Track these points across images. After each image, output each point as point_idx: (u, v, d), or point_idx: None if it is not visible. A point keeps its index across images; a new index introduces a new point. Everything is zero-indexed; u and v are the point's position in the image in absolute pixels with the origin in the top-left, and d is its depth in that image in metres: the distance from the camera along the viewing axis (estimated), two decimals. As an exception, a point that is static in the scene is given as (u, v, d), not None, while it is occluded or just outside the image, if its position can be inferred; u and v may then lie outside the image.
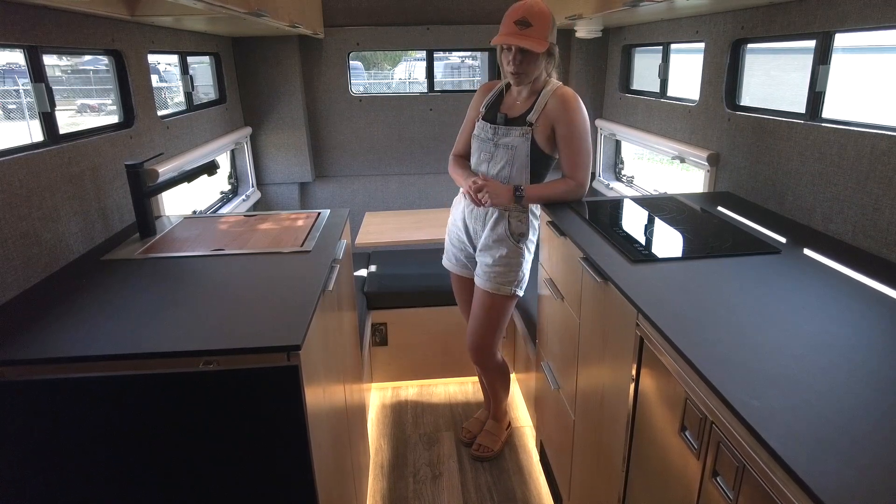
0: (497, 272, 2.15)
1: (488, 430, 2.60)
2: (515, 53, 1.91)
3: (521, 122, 2.05)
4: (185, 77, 2.78)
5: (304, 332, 1.20)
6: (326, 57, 3.52)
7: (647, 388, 1.30)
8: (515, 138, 2.04)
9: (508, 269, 2.15)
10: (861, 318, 1.20)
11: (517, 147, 2.04)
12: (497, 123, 2.09)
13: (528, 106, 2.06)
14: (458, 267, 2.36)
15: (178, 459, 1.22)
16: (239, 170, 3.44)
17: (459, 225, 2.25)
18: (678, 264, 1.54)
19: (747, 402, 0.91)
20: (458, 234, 2.27)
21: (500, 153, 2.08)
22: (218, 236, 1.91)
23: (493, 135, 2.09)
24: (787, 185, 1.92)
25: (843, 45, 1.81)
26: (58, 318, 1.29)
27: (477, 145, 2.15)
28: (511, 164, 2.06)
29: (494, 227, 2.13)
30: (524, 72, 1.95)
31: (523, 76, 1.96)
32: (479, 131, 2.14)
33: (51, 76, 1.73)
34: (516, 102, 2.09)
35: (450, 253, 2.37)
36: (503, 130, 2.07)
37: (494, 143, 2.08)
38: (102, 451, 1.19)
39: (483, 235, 2.16)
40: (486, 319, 2.25)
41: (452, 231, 2.32)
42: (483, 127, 2.12)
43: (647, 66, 3.16)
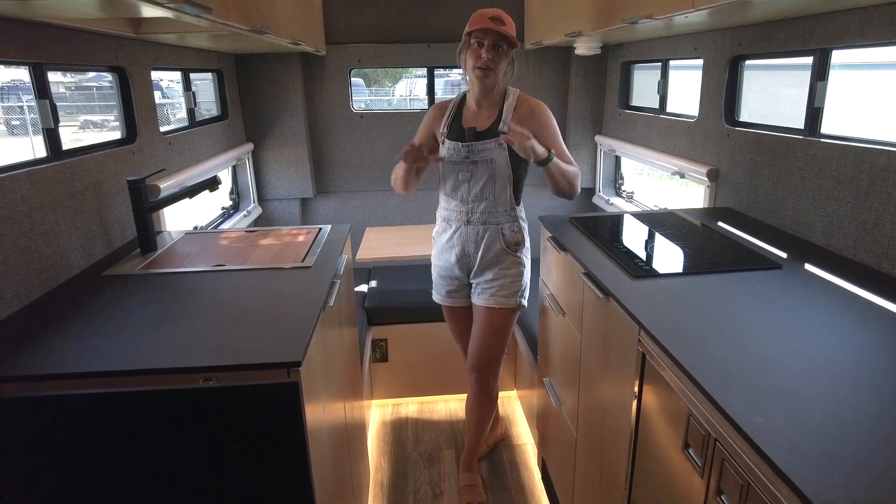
0: (500, 286, 2.10)
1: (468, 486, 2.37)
2: (489, 47, 1.87)
3: (493, 134, 1.99)
4: (188, 93, 2.80)
5: (305, 348, 1.20)
6: (328, 74, 3.55)
7: (650, 404, 1.29)
8: (492, 151, 1.98)
9: (511, 281, 2.11)
10: (864, 333, 1.19)
11: (495, 160, 1.98)
12: (469, 140, 2.00)
13: (494, 116, 2.01)
14: (452, 298, 2.25)
15: (178, 476, 1.21)
16: (240, 185, 3.45)
17: (448, 254, 2.15)
18: (679, 279, 1.54)
19: (751, 418, 0.90)
20: (448, 264, 2.16)
21: (479, 170, 2.00)
22: (219, 252, 1.91)
23: (467, 153, 2.00)
24: (788, 200, 1.93)
25: (840, 61, 1.83)
26: (57, 334, 1.29)
27: (450, 168, 2.04)
28: (493, 178, 2.00)
29: (489, 243, 2.07)
30: (495, 68, 1.89)
31: (492, 73, 1.90)
32: (449, 153, 2.03)
33: (55, 92, 1.74)
34: (479, 116, 2.03)
35: (439, 287, 2.26)
36: (478, 146, 1.99)
37: (471, 161, 2.00)
38: (102, 468, 1.18)
39: (479, 255, 2.09)
40: (492, 337, 2.18)
41: (440, 263, 2.21)
42: (454, 148, 2.02)
43: (645, 83, 3.18)
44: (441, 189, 2.13)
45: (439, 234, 2.18)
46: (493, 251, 2.08)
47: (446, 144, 2.03)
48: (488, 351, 2.20)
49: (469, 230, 2.07)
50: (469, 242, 2.09)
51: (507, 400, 3.07)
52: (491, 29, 1.84)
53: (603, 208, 3.48)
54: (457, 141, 2.01)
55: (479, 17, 1.88)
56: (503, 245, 2.07)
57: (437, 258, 2.22)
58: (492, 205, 2.04)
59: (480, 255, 2.09)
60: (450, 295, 2.24)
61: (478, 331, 2.20)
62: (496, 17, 1.86)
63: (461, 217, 2.07)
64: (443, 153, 2.04)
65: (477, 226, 2.06)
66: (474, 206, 2.04)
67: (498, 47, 1.88)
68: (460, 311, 2.28)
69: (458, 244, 2.10)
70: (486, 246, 2.07)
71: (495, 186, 2.01)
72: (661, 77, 2.89)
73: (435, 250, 2.23)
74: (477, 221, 2.06)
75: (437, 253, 2.21)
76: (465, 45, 1.93)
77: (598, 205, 3.57)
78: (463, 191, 2.04)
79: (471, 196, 2.03)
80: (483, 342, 2.19)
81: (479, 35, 1.87)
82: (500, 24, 1.85)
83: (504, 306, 2.13)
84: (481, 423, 2.38)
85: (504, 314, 2.14)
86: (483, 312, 2.16)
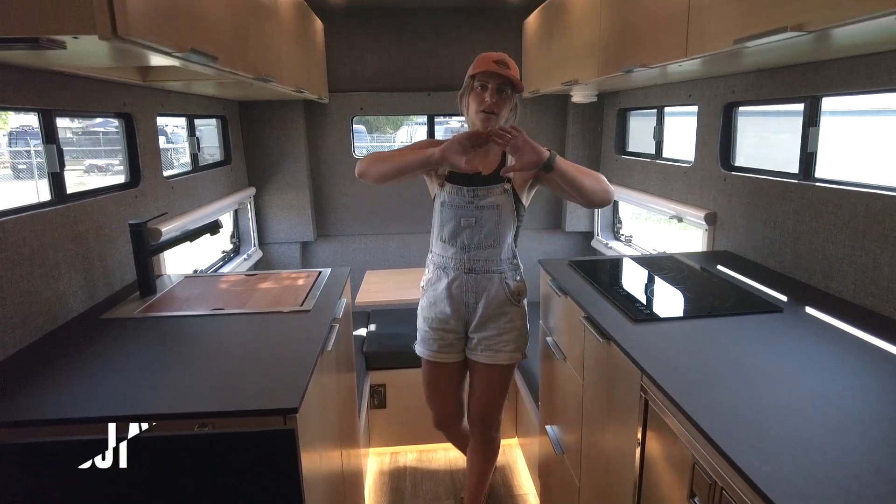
0: (506, 340, 1.98)
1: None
2: (493, 91, 1.79)
3: (498, 179, 1.90)
4: (192, 139, 2.85)
5: (302, 394, 1.18)
6: (331, 120, 3.63)
7: (654, 451, 1.26)
8: (498, 196, 1.89)
9: (518, 335, 2.00)
10: (869, 378, 1.18)
11: (502, 205, 1.89)
12: (475, 185, 1.89)
13: (496, 161, 1.92)
14: (445, 353, 2.04)
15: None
16: (241, 229, 3.47)
17: (443, 305, 1.98)
18: (680, 324, 1.53)
19: (758, 466, 0.88)
20: (443, 315, 1.99)
21: (485, 216, 1.90)
22: (218, 295, 1.91)
23: (472, 198, 1.89)
24: (786, 244, 1.94)
25: (836, 108, 1.87)
26: (52, 379, 1.27)
27: (451, 213, 1.91)
28: (498, 224, 1.91)
29: (493, 294, 1.95)
30: (497, 112, 1.81)
31: (494, 117, 1.81)
32: (451, 197, 1.91)
33: (62, 137, 1.77)
34: (481, 159, 1.91)
35: (429, 341, 2.05)
36: (483, 191, 1.89)
37: (476, 206, 1.90)
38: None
39: (480, 306, 1.96)
40: (497, 393, 2.09)
41: (432, 315, 2.02)
42: (456, 192, 1.90)
43: (641, 129, 3.25)
44: (437, 234, 1.98)
45: (432, 283, 2.02)
46: (496, 302, 1.96)
47: (447, 187, 1.92)
48: (492, 406, 2.12)
49: (469, 279, 1.94)
50: (469, 293, 1.96)
51: (508, 448, 3.00)
52: (495, 72, 1.77)
53: (602, 252, 3.49)
54: (460, 185, 1.91)
55: (483, 60, 1.82)
56: (508, 295, 1.96)
57: (429, 309, 2.03)
58: (496, 252, 1.93)
59: (483, 307, 1.96)
60: (442, 350, 2.04)
61: (481, 387, 2.08)
62: (500, 60, 1.80)
63: (461, 265, 1.94)
64: (443, 197, 1.93)
65: (479, 275, 1.94)
66: (476, 253, 1.93)
67: (502, 91, 1.81)
68: (449, 368, 2.09)
69: (457, 294, 1.96)
70: (490, 297, 1.95)
71: (500, 233, 1.92)
72: (657, 123, 2.95)
73: (425, 300, 2.05)
74: (480, 270, 1.93)
75: (429, 304, 2.03)
76: (468, 89, 1.86)
77: (597, 248, 3.58)
78: (465, 237, 1.92)
79: (473, 243, 1.92)
80: (487, 399, 2.09)
81: (483, 78, 1.80)
82: (505, 68, 1.78)
83: (511, 362, 2.03)
84: (483, 474, 2.29)
85: (509, 369, 2.06)
86: (484, 370, 2.04)
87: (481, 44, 3.62)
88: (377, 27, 3.56)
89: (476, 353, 2.03)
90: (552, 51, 2.97)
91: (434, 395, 2.16)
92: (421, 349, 2.09)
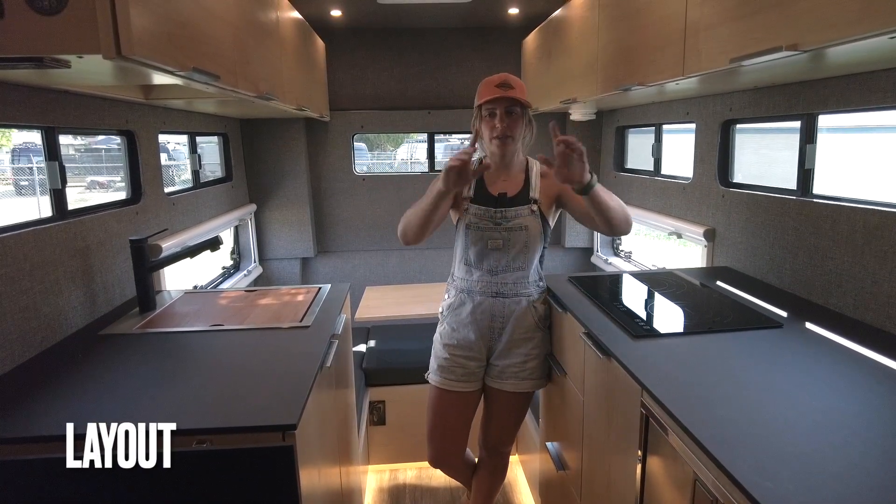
0: (532, 368, 1.93)
1: None
2: (502, 116, 1.77)
3: (525, 200, 1.86)
4: (193, 156, 2.87)
5: (301, 411, 1.17)
6: (331, 138, 3.66)
7: (655, 468, 1.25)
8: (526, 218, 1.84)
9: (542, 361, 1.95)
10: (871, 394, 1.17)
11: (530, 227, 1.84)
12: (501, 206, 1.85)
13: (521, 183, 1.88)
14: (465, 382, 1.94)
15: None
16: (242, 245, 3.48)
17: (467, 331, 1.90)
18: (680, 339, 1.53)
19: (760, 483, 0.87)
20: (467, 341, 1.90)
21: (514, 237, 1.84)
22: (217, 311, 1.91)
23: (500, 219, 1.84)
24: (785, 260, 1.94)
25: (835, 124, 1.89)
26: (50, 395, 1.27)
27: (478, 235, 1.85)
28: (527, 246, 1.85)
29: (521, 318, 1.89)
30: (512, 134, 1.79)
31: (510, 140, 1.79)
32: (476, 220, 1.85)
33: (64, 154, 1.79)
34: (506, 182, 1.88)
35: (449, 369, 1.93)
36: (511, 213, 1.84)
37: (504, 228, 1.84)
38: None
39: (507, 332, 1.89)
40: (517, 420, 2.03)
41: (454, 342, 1.92)
42: (483, 214, 1.85)
43: (640, 146, 3.27)
44: (461, 258, 1.91)
45: (454, 309, 1.93)
46: (524, 327, 1.90)
47: (472, 209, 1.86)
48: (511, 433, 2.07)
49: (497, 303, 1.87)
50: (496, 318, 1.89)
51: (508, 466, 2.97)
52: (500, 97, 1.75)
53: (601, 268, 3.50)
54: (487, 206, 1.85)
55: (486, 86, 1.79)
56: (536, 320, 1.91)
57: (451, 336, 1.93)
58: (524, 275, 1.88)
59: (509, 332, 1.90)
60: (464, 378, 1.93)
61: (502, 415, 2.01)
62: (503, 83, 1.77)
63: (488, 289, 1.87)
64: (468, 219, 1.86)
65: (508, 298, 1.87)
66: (504, 276, 1.87)
67: (511, 112, 1.78)
68: (466, 398, 1.97)
69: (483, 319, 1.89)
70: (517, 321, 1.89)
71: (528, 255, 1.87)
72: (655, 141, 2.97)
73: (446, 327, 1.95)
74: (508, 293, 1.87)
75: (451, 330, 1.93)
76: (478, 117, 1.83)
77: (597, 264, 3.59)
78: (492, 260, 1.86)
79: (500, 266, 1.86)
80: (507, 426, 2.04)
81: (490, 105, 1.77)
82: (509, 89, 1.75)
83: (536, 389, 1.98)
84: (491, 493, 2.24)
85: (531, 396, 2.00)
86: (509, 397, 1.96)
87: (481, 63, 3.66)
88: (378, 46, 3.61)
89: (500, 381, 1.94)
90: (551, 69, 3.00)
91: (443, 428, 2.00)
92: (439, 378, 1.95)
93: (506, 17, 3.35)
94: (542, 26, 3.12)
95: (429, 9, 3.11)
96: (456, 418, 1.99)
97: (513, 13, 3.26)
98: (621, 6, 2.11)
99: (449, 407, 1.97)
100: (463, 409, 1.99)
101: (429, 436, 2.03)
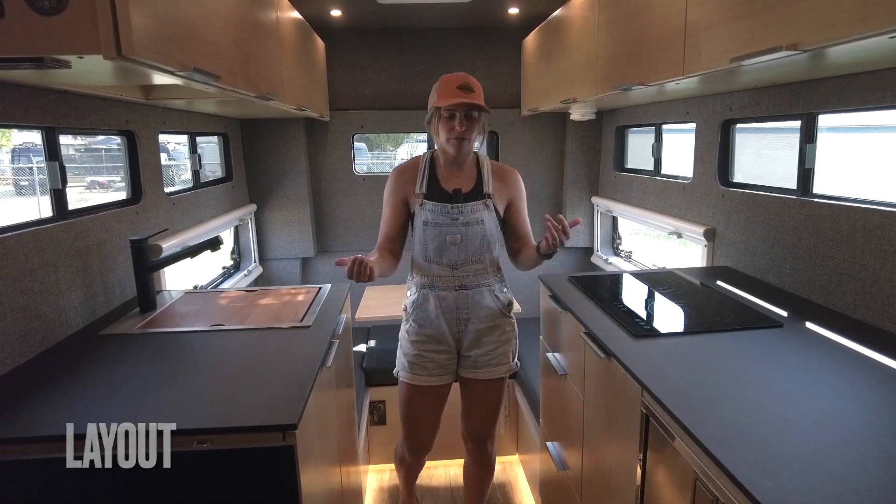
0: (501, 353, 1.98)
1: None
2: (462, 119, 1.80)
3: (478, 196, 1.91)
4: (193, 156, 2.87)
5: (301, 411, 1.17)
6: (331, 138, 3.66)
7: (655, 468, 1.25)
8: (481, 212, 1.90)
9: (512, 346, 2.01)
10: (870, 394, 1.17)
11: (486, 221, 1.90)
12: (456, 202, 1.89)
13: (473, 178, 1.93)
14: (439, 375, 1.98)
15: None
16: (242, 245, 3.48)
17: (436, 325, 1.94)
18: (681, 339, 1.53)
19: (760, 482, 0.87)
20: (435, 334, 1.95)
21: (471, 232, 1.89)
22: (218, 311, 1.91)
23: (457, 214, 1.89)
24: (785, 259, 1.94)
25: (836, 123, 1.89)
26: (50, 395, 1.27)
27: (436, 231, 1.89)
28: (485, 239, 1.91)
29: (486, 308, 1.94)
30: (469, 137, 1.83)
31: (467, 142, 1.83)
32: (433, 216, 1.89)
33: (64, 154, 1.79)
34: (459, 178, 1.92)
35: (419, 364, 1.96)
36: (467, 207, 1.89)
37: (462, 223, 1.89)
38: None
39: (474, 322, 1.94)
40: (497, 408, 2.07)
41: (421, 337, 1.96)
42: (439, 209, 1.89)
43: (640, 146, 3.27)
44: (420, 254, 1.95)
45: (419, 305, 1.96)
46: (490, 316, 1.95)
47: (428, 206, 1.90)
48: (492, 421, 2.10)
49: (460, 296, 1.92)
50: (462, 310, 1.93)
51: (509, 465, 2.98)
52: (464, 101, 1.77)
53: (601, 267, 3.50)
54: (442, 202, 1.90)
55: (446, 87, 1.81)
56: (501, 308, 1.96)
57: (418, 333, 1.96)
58: (483, 267, 1.93)
59: (476, 323, 1.94)
60: (436, 372, 1.97)
61: (481, 405, 2.05)
62: (464, 85, 1.79)
63: (451, 283, 1.92)
64: (425, 216, 1.90)
65: (471, 290, 1.92)
66: (465, 269, 1.91)
67: (470, 116, 1.82)
68: (439, 391, 2.01)
69: (449, 312, 1.93)
70: (483, 311, 1.94)
71: (487, 247, 1.92)
72: (655, 140, 2.97)
73: (413, 324, 1.98)
74: (471, 285, 1.92)
75: (418, 326, 1.96)
76: (436, 115, 1.85)
77: (597, 264, 3.59)
78: (451, 254, 1.90)
79: (460, 259, 1.90)
80: (488, 414, 2.07)
81: (451, 107, 1.80)
82: (470, 92, 1.79)
83: (509, 373, 2.02)
84: (483, 489, 2.27)
85: (505, 381, 2.05)
86: (487, 386, 2.00)
87: (481, 63, 3.67)
88: (378, 46, 3.61)
89: (474, 371, 1.99)
90: (551, 69, 3.00)
91: (421, 420, 2.06)
92: (409, 375, 1.98)
93: (506, 17, 3.35)
94: (542, 26, 3.12)
95: (429, 9, 3.11)
96: (433, 409, 2.05)
97: (513, 13, 3.26)
98: (621, 6, 2.11)
99: (424, 401, 2.02)
100: (437, 401, 2.04)
101: (405, 433, 2.10)
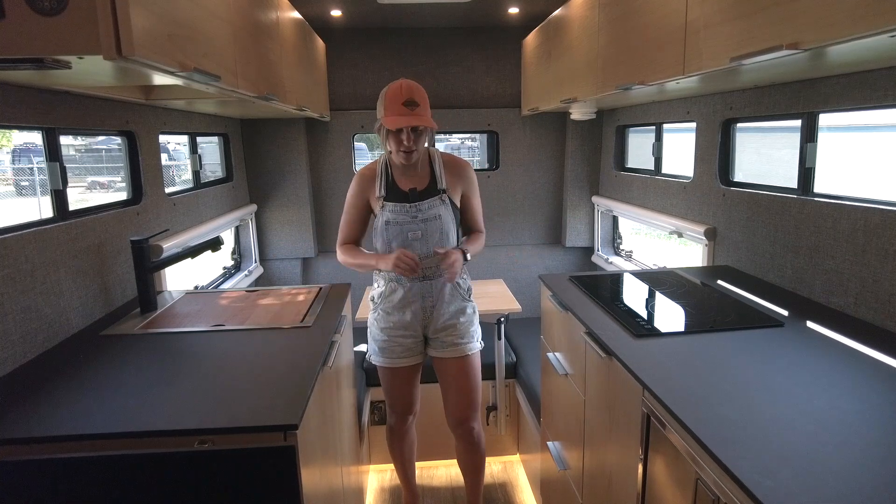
0: (465, 332, 2.14)
1: None
2: (408, 134, 1.90)
3: (433, 192, 2.06)
4: (194, 156, 2.87)
5: (302, 411, 1.17)
6: (332, 138, 3.66)
7: (656, 467, 1.25)
8: (438, 208, 2.04)
9: (475, 328, 2.19)
10: (871, 393, 1.17)
11: (443, 215, 2.04)
12: (413, 201, 2.04)
13: (427, 175, 2.07)
14: (405, 357, 2.17)
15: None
16: (243, 245, 3.48)
17: (402, 314, 2.11)
18: (682, 339, 1.53)
19: (761, 482, 0.87)
20: (403, 321, 2.11)
21: (430, 227, 2.04)
22: (218, 311, 1.91)
23: (416, 212, 2.03)
24: (786, 258, 1.94)
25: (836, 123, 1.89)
26: (51, 396, 1.27)
27: (396, 231, 2.04)
28: (444, 232, 2.05)
29: (449, 294, 2.11)
30: (417, 149, 1.95)
31: (415, 154, 1.95)
32: (393, 216, 2.03)
33: (65, 155, 1.79)
34: (413, 177, 2.06)
35: (395, 350, 2.15)
36: (424, 205, 2.04)
37: (421, 220, 2.03)
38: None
39: (440, 308, 2.10)
40: (474, 384, 2.20)
41: (390, 324, 2.13)
42: (399, 210, 2.03)
43: (640, 145, 3.27)
44: (384, 251, 2.07)
45: (387, 296, 2.12)
46: (454, 301, 2.12)
47: (388, 207, 2.04)
48: (472, 397, 2.21)
49: (424, 286, 2.08)
50: (427, 297, 2.10)
51: (509, 465, 2.98)
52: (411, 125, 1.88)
53: (602, 267, 3.49)
54: (401, 202, 2.04)
55: (392, 103, 1.90)
56: (462, 293, 2.14)
57: (387, 320, 2.13)
58: None
59: (441, 308, 2.11)
60: (404, 355, 2.16)
61: (457, 383, 2.19)
62: (409, 101, 1.89)
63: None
64: (386, 217, 2.04)
65: (434, 280, 2.08)
66: (427, 261, 2.05)
67: (416, 129, 1.93)
68: (409, 369, 2.22)
69: (417, 301, 2.09)
70: (447, 297, 2.11)
71: (446, 239, 2.06)
72: (656, 140, 2.97)
73: (380, 313, 2.15)
74: (434, 275, 2.07)
75: (386, 314, 2.13)
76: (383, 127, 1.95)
77: (598, 263, 3.59)
78: (414, 249, 2.03)
79: (423, 253, 2.04)
80: (466, 391, 2.19)
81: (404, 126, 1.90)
82: (415, 108, 1.89)
83: (477, 350, 2.19)
84: (478, 475, 2.34)
85: (476, 359, 2.19)
86: (458, 364, 2.16)
87: (481, 63, 3.67)
88: (379, 47, 3.61)
89: (443, 350, 2.16)
90: (551, 69, 3.00)
91: (400, 394, 2.27)
92: (382, 359, 2.19)
93: (506, 16, 3.35)
94: (542, 26, 3.12)
95: (429, 8, 3.11)
96: (408, 384, 2.26)
97: (513, 13, 3.26)
98: (621, 5, 2.11)
99: (399, 381, 2.24)
100: (411, 378, 2.25)
101: (389, 402, 2.33)
